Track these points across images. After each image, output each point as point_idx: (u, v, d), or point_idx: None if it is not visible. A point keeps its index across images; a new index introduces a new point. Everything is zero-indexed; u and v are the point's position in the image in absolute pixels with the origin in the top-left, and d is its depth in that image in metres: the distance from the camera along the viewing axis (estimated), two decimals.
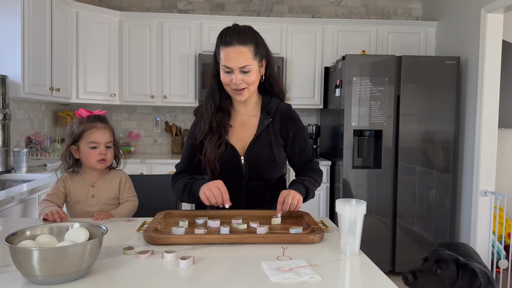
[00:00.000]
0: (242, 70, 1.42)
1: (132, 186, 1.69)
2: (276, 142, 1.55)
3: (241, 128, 1.56)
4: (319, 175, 1.61)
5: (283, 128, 1.57)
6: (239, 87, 1.44)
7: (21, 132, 3.14)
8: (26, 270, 0.89)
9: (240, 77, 1.43)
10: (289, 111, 1.60)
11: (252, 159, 1.52)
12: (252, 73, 1.44)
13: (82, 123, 1.59)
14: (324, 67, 3.83)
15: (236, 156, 1.52)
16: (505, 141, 3.89)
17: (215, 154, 1.48)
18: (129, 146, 3.93)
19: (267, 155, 1.53)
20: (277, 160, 1.54)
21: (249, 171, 1.53)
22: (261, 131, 1.53)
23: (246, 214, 1.48)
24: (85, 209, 1.60)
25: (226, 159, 1.51)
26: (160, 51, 3.72)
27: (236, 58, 1.41)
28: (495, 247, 3.25)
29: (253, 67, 1.44)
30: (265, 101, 1.57)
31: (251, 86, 1.47)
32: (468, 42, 3.38)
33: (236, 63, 1.41)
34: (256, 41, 1.45)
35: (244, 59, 1.41)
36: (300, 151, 1.60)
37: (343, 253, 1.13)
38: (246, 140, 1.54)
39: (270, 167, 1.55)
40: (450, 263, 1.78)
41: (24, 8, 2.66)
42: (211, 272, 1.00)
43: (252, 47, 1.43)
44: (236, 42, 1.41)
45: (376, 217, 3.32)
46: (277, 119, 1.56)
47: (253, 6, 4.14)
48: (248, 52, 1.42)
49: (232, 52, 1.41)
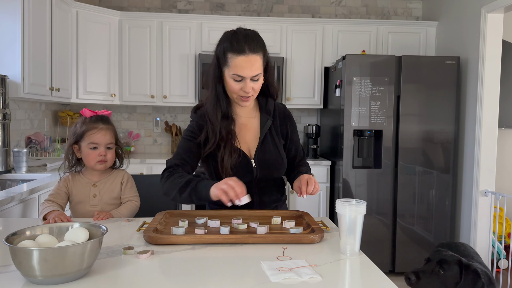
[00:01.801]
0: (253, 79, 1.42)
1: (134, 186, 1.69)
2: (279, 141, 1.58)
3: (244, 131, 1.56)
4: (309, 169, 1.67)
5: (283, 127, 1.61)
6: (247, 95, 1.44)
7: (21, 132, 3.14)
8: (26, 270, 0.89)
9: (251, 85, 1.42)
10: (286, 110, 1.65)
11: (262, 161, 1.53)
12: (261, 79, 1.46)
13: (84, 123, 1.59)
14: (324, 67, 3.83)
15: (247, 159, 1.52)
16: (505, 141, 3.89)
17: (231, 161, 1.47)
18: (129, 146, 3.93)
19: (275, 155, 1.55)
20: (285, 160, 1.58)
21: (260, 173, 1.53)
22: (265, 132, 1.55)
23: (246, 214, 1.48)
24: (87, 208, 1.60)
25: (238, 164, 1.50)
26: (160, 51, 3.72)
27: (250, 67, 1.39)
28: (495, 247, 3.25)
29: (262, 74, 1.45)
30: (262, 102, 1.59)
31: (257, 93, 1.49)
32: (468, 42, 3.38)
33: (250, 72, 1.40)
34: (264, 48, 1.45)
35: (257, 67, 1.41)
36: (296, 148, 1.65)
37: (343, 253, 1.13)
38: (250, 142, 1.55)
39: (279, 166, 1.57)
40: (453, 264, 1.79)
41: (24, 8, 2.66)
42: (211, 272, 1.00)
43: (262, 54, 1.42)
44: (249, 51, 1.38)
45: (376, 217, 3.31)
46: (276, 119, 1.59)
47: (253, 6, 4.14)
48: (260, 60, 1.41)
49: (245, 61, 1.38)
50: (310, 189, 1.42)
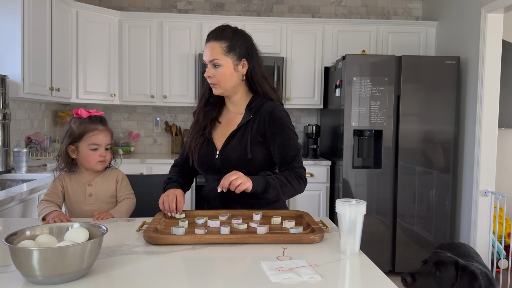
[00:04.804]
0: (213, 64, 1.51)
1: (129, 184, 1.69)
2: (253, 139, 1.54)
3: (227, 124, 1.62)
4: (296, 178, 1.51)
5: (262, 126, 1.55)
6: (210, 81, 1.54)
7: (21, 132, 3.13)
8: (26, 270, 0.89)
9: (212, 72, 1.52)
10: (274, 110, 1.55)
11: (226, 154, 1.55)
12: (223, 69, 1.51)
13: (82, 124, 1.58)
14: (324, 67, 3.83)
15: (213, 150, 1.58)
16: (505, 141, 3.89)
17: (195, 144, 1.57)
18: (129, 146, 3.93)
19: (240, 151, 1.54)
20: (249, 156, 1.52)
21: (222, 166, 1.55)
22: (239, 127, 1.56)
23: (246, 214, 1.48)
24: (83, 208, 1.60)
25: (204, 152, 1.58)
26: (160, 51, 3.72)
27: (207, 52, 1.52)
28: (495, 247, 3.25)
29: (224, 63, 1.51)
30: (251, 100, 1.61)
31: (223, 83, 1.53)
32: (468, 42, 3.38)
33: (206, 57, 1.53)
34: (231, 39, 1.52)
35: (213, 53, 1.51)
36: (280, 151, 1.54)
37: (343, 253, 1.13)
38: (226, 136, 1.59)
39: (243, 163, 1.52)
40: (449, 265, 1.79)
41: (24, 8, 2.66)
42: (211, 272, 0.99)
43: (225, 43, 1.51)
44: (212, 38, 1.53)
45: (376, 217, 3.31)
46: (258, 117, 1.56)
47: (253, 6, 4.14)
48: (218, 47, 1.51)
49: (206, 48, 1.54)
50: (225, 183, 1.35)
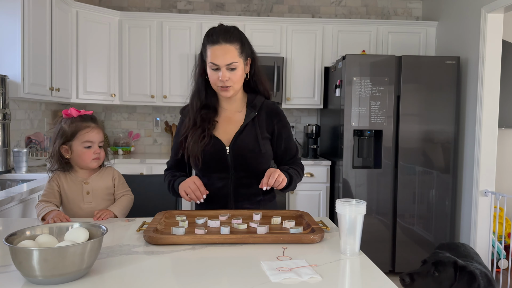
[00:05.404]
0: (229, 67, 1.48)
1: (125, 181, 1.71)
2: (262, 134, 1.58)
3: (226, 123, 1.60)
4: (302, 170, 1.65)
5: (269, 122, 1.60)
6: (226, 84, 1.49)
7: (21, 132, 3.13)
8: (26, 270, 0.89)
9: (227, 75, 1.48)
10: (275, 106, 1.63)
11: (237, 149, 1.54)
12: (238, 70, 1.50)
13: (74, 123, 1.58)
14: (324, 67, 3.83)
15: (221, 146, 1.55)
16: (505, 141, 3.89)
17: (198, 146, 1.53)
18: (129, 146, 3.93)
19: (252, 145, 1.55)
20: (263, 150, 1.56)
21: (234, 161, 1.55)
22: (246, 123, 1.56)
23: (246, 214, 1.48)
24: (81, 206, 1.59)
25: (210, 150, 1.54)
26: (160, 51, 3.72)
27: (223, 55, 1.47)
28: (495, 247, 3.25)
29: (239, 65, 1.50)
30: (251, 98, 1.62)
31: (236, 84, 1.52)
32: (468, 42, 3.38)
33: (223, 60, 1.47)
34: (241, 40, 1.51)
35: (231, 56, 1.47)
36: (286, 145, 1.63)
37: (343, 253, 1.13)
38: (231, 133, 1.58)
39: (256, 157, 1.56)
40: (448, 265, 1.79)
41: (24, 8, 2.66)
42: (211, 272, 0.99)
43: (238, 45, 1.49)
44: (222, 40, 1.47)
45: (376, 217, 3.31)
46: (263, 113, 1.60)
47: (253, 6, 4.14)
48: (234, 50, 1.48)
49: (219, 50, 1.47)
50: (272, 181, 1.43)
